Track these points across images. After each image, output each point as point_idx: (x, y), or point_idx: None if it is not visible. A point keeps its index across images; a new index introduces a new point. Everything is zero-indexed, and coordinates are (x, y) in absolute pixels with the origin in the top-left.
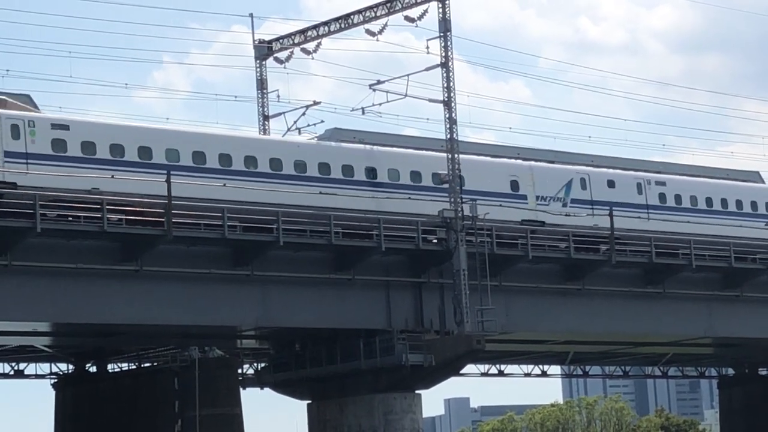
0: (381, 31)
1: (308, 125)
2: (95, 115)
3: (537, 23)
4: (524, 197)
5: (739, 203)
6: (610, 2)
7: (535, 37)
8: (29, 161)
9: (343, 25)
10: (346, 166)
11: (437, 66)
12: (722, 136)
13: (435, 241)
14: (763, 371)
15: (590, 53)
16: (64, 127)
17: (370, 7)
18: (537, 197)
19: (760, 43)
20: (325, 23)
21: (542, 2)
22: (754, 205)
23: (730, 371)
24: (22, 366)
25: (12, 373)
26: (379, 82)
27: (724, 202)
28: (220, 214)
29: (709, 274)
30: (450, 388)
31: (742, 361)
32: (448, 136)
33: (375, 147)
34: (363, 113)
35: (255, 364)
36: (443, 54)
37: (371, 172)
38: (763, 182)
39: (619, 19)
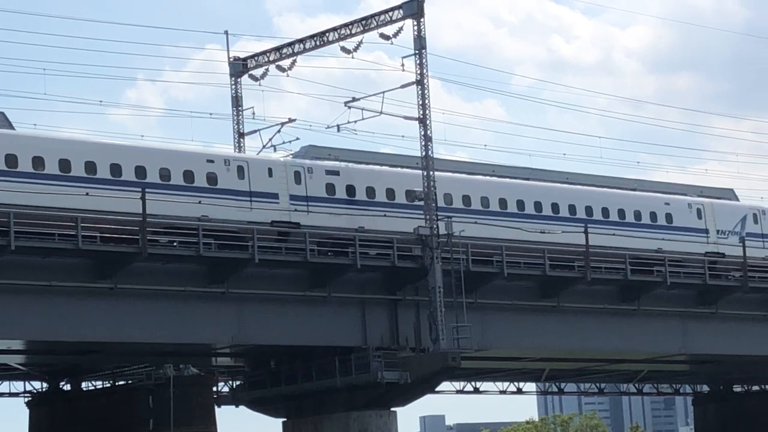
0: (356, 49)
1: (283, 142)
2: (71, 132)
3: (510, 43)
4: (706, 231)
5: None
6: (582, 22)
7: (509, 57)
8: (309, 203)
9: (318, 43)
10: None
11: (412, 83)
12: (696, 154)
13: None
14: (737, 388)
15: (564, 72)
16: (335, 173)
17: (345, 25)
18: (717, 231)
19: (733, 62)
20: (301, 41)
21: (514, 22)
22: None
23: (705, 388)
24: None
25: None
26: (354, 100)
27: None
28: (195, 231)
29: (684, 291)
30: (425, 405)
31: (717, 378)
32: (424, 154)
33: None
34: (338, 131)
35: (230, 382)
36: (418, 71)
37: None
38: (737, 199)
39: (593, 38)
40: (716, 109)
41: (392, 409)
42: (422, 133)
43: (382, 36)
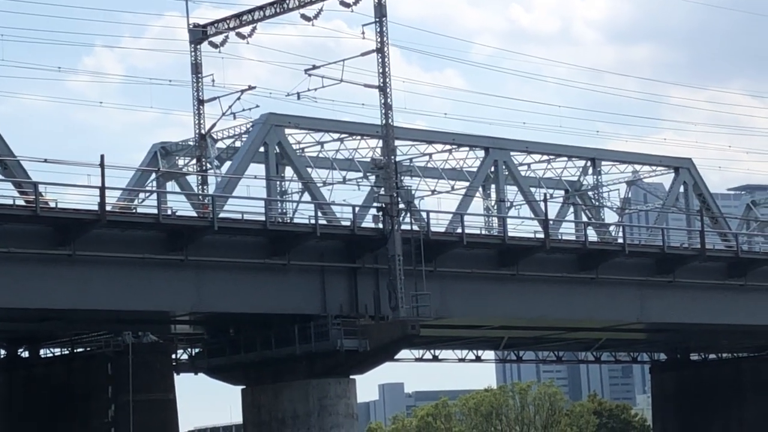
0: (316, 16)
1: (243, 110)
2: (29, 100)
3: (470, 13)
4: None
5: None
6: None
7: (469, 27)
8: None
9: (278, 10)
10: None
11: (373, 51)
12: (654, 123)
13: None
14: (694, 356)
15: (524, 42)
16: None
17: None
18: None
19: (691, 32)
20: (261, 8)
21: None
22: None
23: (663, 356)
24: None
25: None
26: (314, 67)
27: None
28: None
29: (642, 259)
30: (384, 373)
31: (675, 347)
32: (384, 122)
33: None
34: (298, 98)
35: (189, 350)
36: (379, 39)
37: None
38: (696, 169)
39: (552, 8)
40: (674, 80)
41: (351, 376)
42: (382, 101)
43: (343, 3)
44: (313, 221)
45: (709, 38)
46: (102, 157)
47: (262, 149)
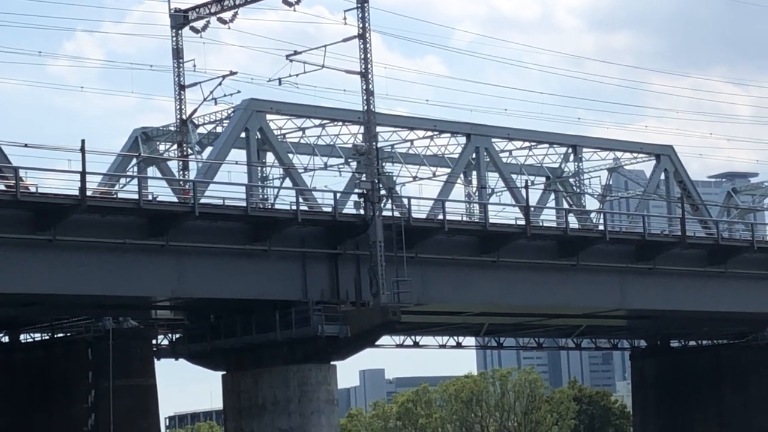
0: (298, 2)
1: (224, 95)
2: (9, 84)
3: (451, 0)
4: None
5: None
6: None
7: (450, 14)
8: None
9: None
10: None
11: (354, 37)
12: (636, 110)
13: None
14: (674, 343)
15: (505, 29)
16: None
17: None
18: None
19: (672, 20)
20: None
21: None
22: None
23: (643, 343)
24: None
25: None
26: (295, 53)
27: None
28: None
29: (623, 246)
30: (365, 359)
31: (655, 334)
32: (365, 108)
33: None
34: (280, 84)
35: (170, 335)
36: (360, 25)
37: None
38: (677, 157)
39: None
40: (655, 67)
41: (332, 362)
42: (364, 87)
43: None
44: (294, 207)
45: (690, 25)
46: (83, 142)
47: (243, 135)
